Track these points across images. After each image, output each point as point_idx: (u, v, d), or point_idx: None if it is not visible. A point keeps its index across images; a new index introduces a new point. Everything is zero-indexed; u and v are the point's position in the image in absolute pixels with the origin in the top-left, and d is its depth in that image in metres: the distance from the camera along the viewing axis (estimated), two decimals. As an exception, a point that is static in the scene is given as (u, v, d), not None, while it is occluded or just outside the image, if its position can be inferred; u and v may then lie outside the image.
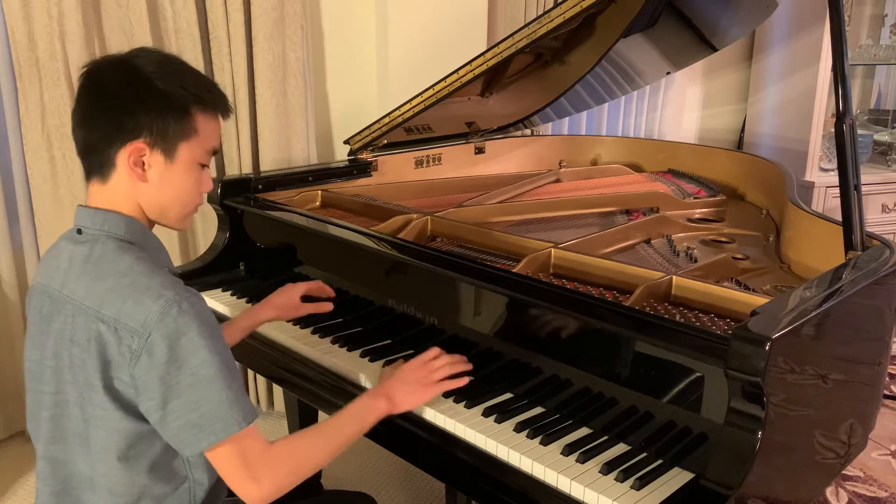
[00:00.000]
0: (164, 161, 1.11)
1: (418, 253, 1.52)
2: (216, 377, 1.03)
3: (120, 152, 1.09)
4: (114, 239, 1.10)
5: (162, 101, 1.08)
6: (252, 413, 1.07)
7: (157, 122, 1.08)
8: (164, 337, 1.01)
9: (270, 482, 1.07)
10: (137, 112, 1.08)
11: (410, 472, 2.35)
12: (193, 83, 1.13)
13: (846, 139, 1.40)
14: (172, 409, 1.03)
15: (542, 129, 3.03)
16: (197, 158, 1.14)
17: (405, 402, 1.26)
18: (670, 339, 1.14)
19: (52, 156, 2.24)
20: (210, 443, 1.04)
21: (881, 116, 3.75)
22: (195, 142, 1.13)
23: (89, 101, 1.10)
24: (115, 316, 1.03)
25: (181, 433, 1.04)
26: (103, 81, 1.10)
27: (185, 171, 1.13)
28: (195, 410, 1.03)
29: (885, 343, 1.45)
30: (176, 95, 1.09)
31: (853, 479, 2.37)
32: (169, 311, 1.01)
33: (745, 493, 1.00)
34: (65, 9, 2.13)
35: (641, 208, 2.10)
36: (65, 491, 1.14)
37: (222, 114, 1.17)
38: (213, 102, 1.15)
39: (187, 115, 1.11)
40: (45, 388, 1.12)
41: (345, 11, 2.70)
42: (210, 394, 1.03)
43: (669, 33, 2.18)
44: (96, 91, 1.10)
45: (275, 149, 2.49)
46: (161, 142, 1.10)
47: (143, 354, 1.01)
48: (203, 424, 1.03)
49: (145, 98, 1.08)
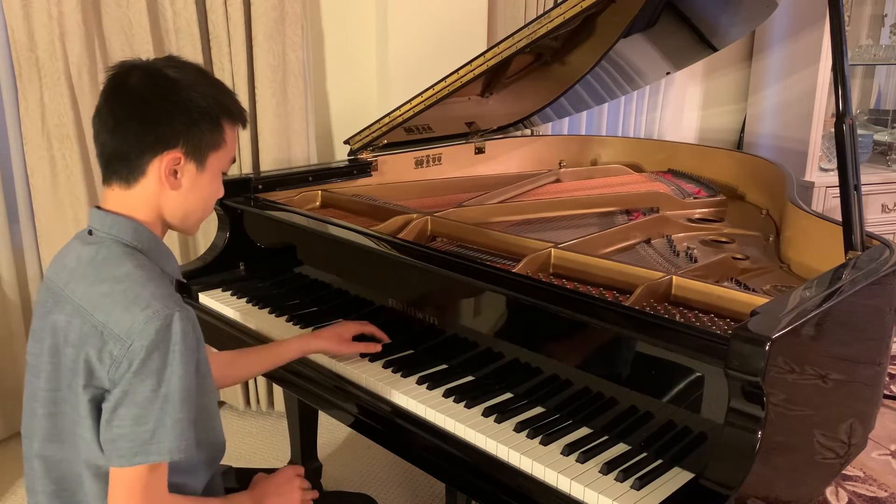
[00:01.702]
0: (196, 170, 1.13)
1: (418, 253, 1.52)
2: (174, 400, 1.01)
3: (153, 161, 1.10)
4: (119, 243, 1.10)
5: (197, 112, 1.10)
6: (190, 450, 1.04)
7: (193, 131, 1.10)
8: (142, 348, 1.00)
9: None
10: (174, 122, 1.09)
11: (410, 472, 2.35)
12: (223, 95, 1.15)
13: (846, 139, 1.40)
14: (120, 415, 1.01)
15: (542, 129, 3.03)
16: (222, 168, 1.18)
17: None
18: (670, 339, 1.14)
19: (52, 156, 2.24)
20: (141, 461, 1.01)
21: (881, 116, 3.75)
22: (222, 151, 1.16)
23: (120, 109, 1.09)
24: (104, 321, 1.02)
25: (119, 442, 1.02)
26: (135, 89, 1.09)
27: (211, 180, 1.16)
28: (143, 425, 1.01)
29: (885, 343, 1.45)
30: (209, 107, 1.11)
31: (853, 479, 2.37)
32: (153, 322, 1.01)
33: (745, 492, 1.00)
34: (65, 9, 2.13)
35: (641, 208, 2.10)
36: (60, 491, 1.13)
37: (242, 124, 1.20)
38: (238, 113, 1.18)
39: (218, 125, 1.13)
40: (41, 383, 1.12)
41: (345, 11, 2.70)
42: (162, 415, 1.01)
43: (669, 33, 2.18)
44: (128, 98, 1.09)
45: (275, 149, 2.49)
46: (195, 152, 1.12)
47: (123, 361, 1.01)
48: (145, 441, 1.01)
49: (182, 108, 1.09)
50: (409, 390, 1.36)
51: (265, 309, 1.74)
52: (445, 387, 1.36)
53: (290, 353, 1.50)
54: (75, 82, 2.20)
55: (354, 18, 2.72)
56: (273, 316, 1.70)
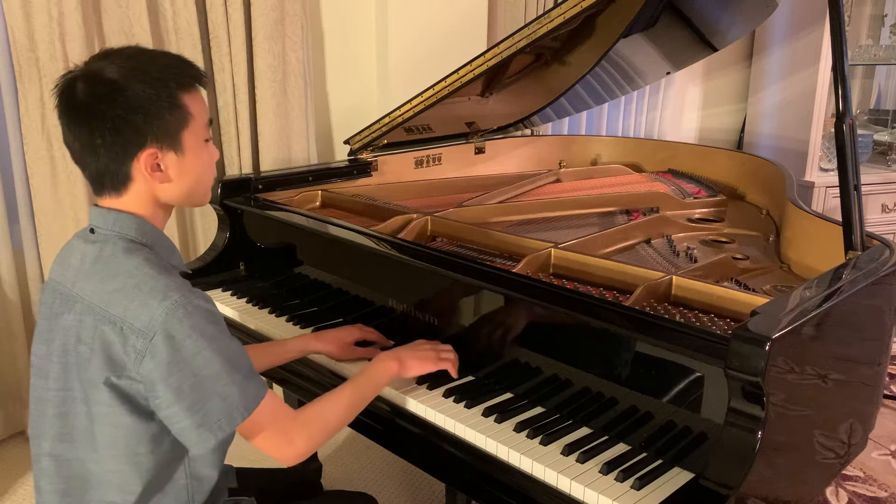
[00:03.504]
0: (176, 156, 1.12)
1: (418, 253, 1.52)
2: (219, 375, 1.05)
3: (133, 165, 1.10)
4: (124, 239, 1.11)
5: (149, 102, 1.07)
6: (258, 396, 1.09)
7: (156, 123, 1.08)
8: (168, 339, 1.02)
9: (304, 441, 1.15)
10: (135, 122, 1.07)
11: (410, 472, 2.35)
12: (167, 69, 1.11)
13: (846, 139, 1.40)
14: (177, 411, 1.04)
15: (542, 129, 3.03)
16: (201, 138, 1.15)
17: (413, 367, 1.34)
18: (670, 339, 1.14)
19: (52, 156, 2.24)
20: (218, 438, 1.06)
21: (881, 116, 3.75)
22: (193, 125, 1.13)
23: (79, 128, 1.09)
24: (122, 316, 1.03)
25: (186, 433, 1.06)
26: (84, 104, 1.07)
27: (195, 156, 1.15)
28: (199, 411, 1.04)
29: (885, 343, 1.45)
30: (158, 92, 1.08)
31: (853, 479, 2.37)
32: (174, 313, 1.02)
33: (745, 492, 1.00)
34: (65, 9, 2.13)
35: (641, 208, 2.10)
36: (70, 490, 1.14)
37: (200, 83, 1.15)
38: (191, 77, 1.13)
39: (176, 103, 1.10)
40: (50, 384, 1.12)
41: (345, 11, 2.70)
42: (213, 393, 1.04)
43: (669, 33, 2.18)
44: (80, 116, 1.08)
45: (275, 149, 2.49)
46: (167, 139, 1.10)
47: (147, 355, 1.02)
48: (209, 423, 1.05)
49: (135, 107, 1.06)
50: (409, 390, 1.36)
51: (265, 309, 1.74)
52: (445, 387, 1.37)
53: (289, 353, 1.51)
54: (75, 82, 2.20)
55: (354, 18, 2.72)
56: (273, 316, 1.70)
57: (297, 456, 1.15)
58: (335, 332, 1.52)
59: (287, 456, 1.15)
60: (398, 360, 1.33)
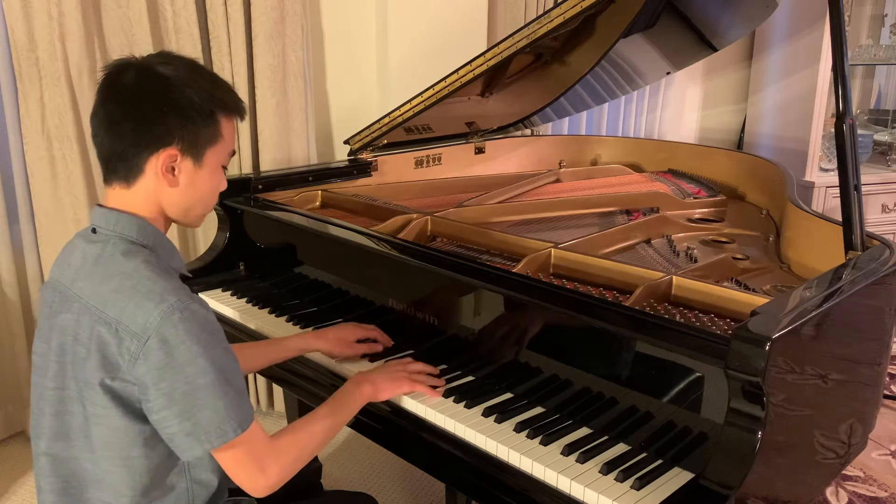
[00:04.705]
0: (193, 166, 1.13)
1: (418, 253, 1.52)
2: (212, 386, 1.04)
3: (150, 159, 1.10)
4: (125, 240, 1.11)
5: (191, 108, 1.10)
6: (249, 417, 1.08)
7: (188, 128, 1.10)
8: (163, 342, 1.02)
9: (277, 471, 1.12)
10: (168, 120, 1.09)
11: (410, 472, 2.35)
12: (217, 88, 1.15)
13: (846, 139, 1.40)
14: (166, 416, 1.04)
15: (542, 129, 3.03)
16: (221, 162, 1.18)
17: (386, 390, 1.32)
18: (670, 339, 1.14)
19: (52, 156, 2.24)
20: (205, 449, 1.06)
21: (881, 116, 3.75)
22: (220, 146, 1.16)
23: (115, 108, 1.10)
24: (117, 317, 1.03)
25: (175, 439, 1.06)
26: (129, 88, 1.10)
27: (210, 175, 1.16)
28: (189, 419, 1.04)
29: (885, 343, 1.45)
30: (203, 102, 1.11)
31: (853, 479, 2.37)
32: (169, 316, 1.02)
33: (745, 492, 1.00)
34: (65, 9, 2.13)
35: (641, 208, 2.10)
36: (67, 489, 1.14)
37: (240, 117, 1.19)
38: (234, 106, 1.17)
39: (214, 120, 1.13)
40: (48, 382, 1.12)
41: (345, 11, 2.70)
42: (205, 403, 1.04)
43: (669, 33, 2.18)
44: (122, 98, 1.10)
45: (275, 149, 2.49)
46: (191, 148, 1.12)
47: (140, 358, 1.02)
48: (197, 433, 1.04)
49: (175, 106, 1.09)
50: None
51: (265, 309, 1.74)
52: (445, 387, 1.37)
53: (289, 351, 1.51)
54: (75, 82, 2.20)
55: (354, 18, 2.72)
56: (273, 316, 1.70)
57: (267, 488, 1.12)
58: (335, 329, 1.52)
59: (257, 486, 1.11)
60: (371, 383, 1.31)
